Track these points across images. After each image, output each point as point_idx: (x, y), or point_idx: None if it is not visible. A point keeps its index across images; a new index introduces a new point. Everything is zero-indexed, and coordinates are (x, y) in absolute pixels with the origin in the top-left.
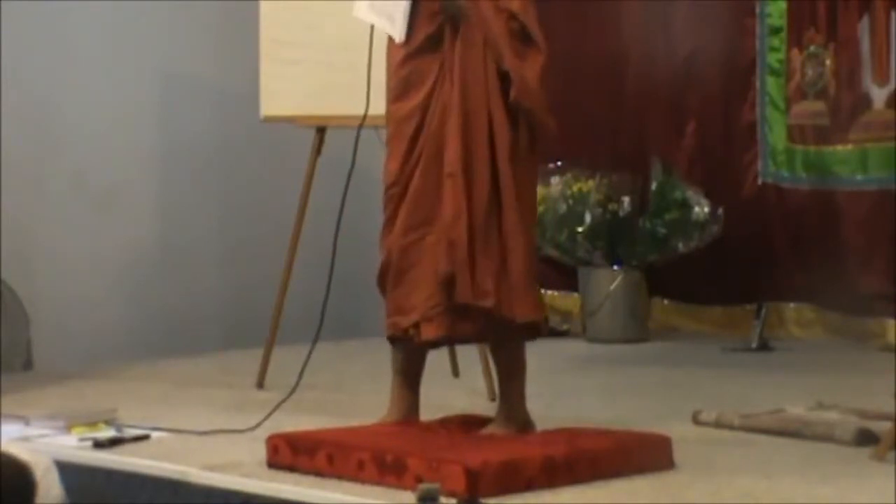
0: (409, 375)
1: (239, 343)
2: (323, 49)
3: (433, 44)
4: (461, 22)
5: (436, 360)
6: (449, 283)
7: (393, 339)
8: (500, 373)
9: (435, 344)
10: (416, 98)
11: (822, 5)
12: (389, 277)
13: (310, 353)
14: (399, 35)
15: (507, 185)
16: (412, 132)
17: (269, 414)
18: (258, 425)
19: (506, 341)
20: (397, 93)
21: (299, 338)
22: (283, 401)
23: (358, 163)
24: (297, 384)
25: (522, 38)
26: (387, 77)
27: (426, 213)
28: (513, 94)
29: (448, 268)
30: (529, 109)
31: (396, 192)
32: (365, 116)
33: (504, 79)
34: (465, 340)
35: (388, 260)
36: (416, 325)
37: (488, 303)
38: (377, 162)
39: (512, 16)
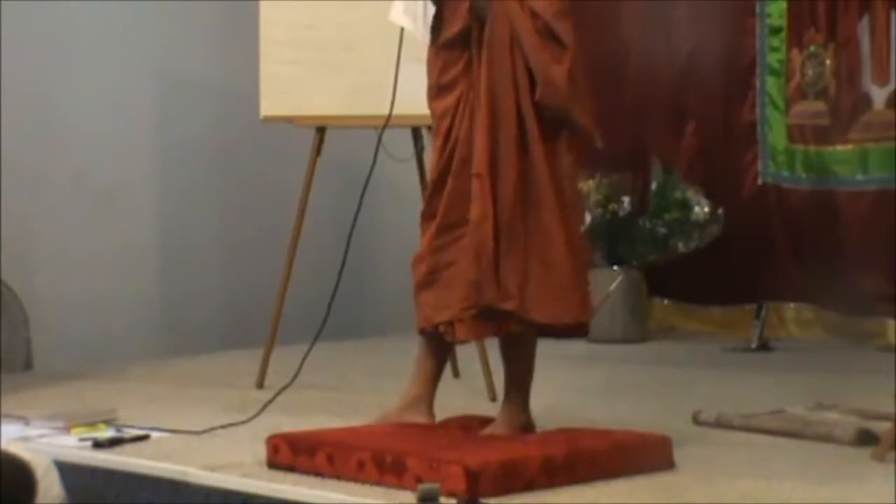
0: (436, 353)
1: (239, 343)
2: (323, 49)
3: (460, 44)
4: (487, 20)
5: None
6: (478, 286)
7: (423, 332)
8: (508, 373)
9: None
10: (450, 98)
11: (822, 5)
12: (423, 273)
13: (309, 348)
14: (419, 35)
15: (545, 185)
16: (445, 131)
17: (267, 404)
18: (255, 416)
19: (522, 342)
20: (435, 91)
21: (299, 338)
22: (282, 390)
23: (359, 164)
24: (294, 377)
25: (549, 36)
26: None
27: (461, 214)
28: (538, 92)
29: (475, 271)
30: (559, 108)
31: (437, 188)
32: (389, 116)
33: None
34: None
35: (423, 255)
36: (451, 324)
37: (510, 305)
38: (379, 163)
39: (534, 14)
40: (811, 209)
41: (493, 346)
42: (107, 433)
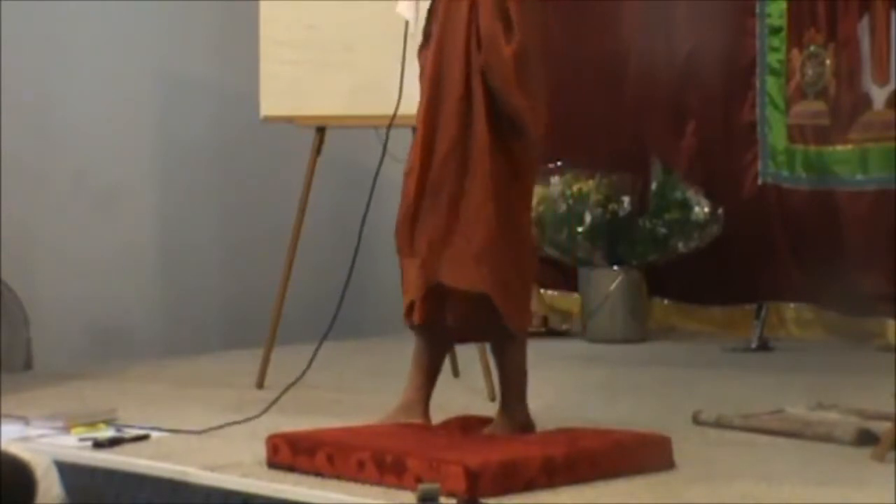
0: (427, 364)
1: (239, 343)
2: (323, 49)
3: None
4: None
5: None
6: (396, 232)
7: (410, 328)
8: (500, 374)
9: (429, 331)
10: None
11: (822, 5)
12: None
13: (318, 346)
14: (415, 29)
15: (482, 154)
16: None
17: (270, 405)
18: (259, 416)
19: (502, 339)
20: (421, 88)
21: (299, 338)
22: (285, 391)
23: (359, 164)
24: (302, 374)
25: (504, 17)
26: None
27: None
28: (482, 57)
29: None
30: (499, 85)
31: None
32: (394, 115)
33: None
34: (465, 338)
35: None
36: (411, 308)
37: (418, 260)
38: (378, 162)
39: None
40: (811, 209)
41: None
42: (107, 433)
